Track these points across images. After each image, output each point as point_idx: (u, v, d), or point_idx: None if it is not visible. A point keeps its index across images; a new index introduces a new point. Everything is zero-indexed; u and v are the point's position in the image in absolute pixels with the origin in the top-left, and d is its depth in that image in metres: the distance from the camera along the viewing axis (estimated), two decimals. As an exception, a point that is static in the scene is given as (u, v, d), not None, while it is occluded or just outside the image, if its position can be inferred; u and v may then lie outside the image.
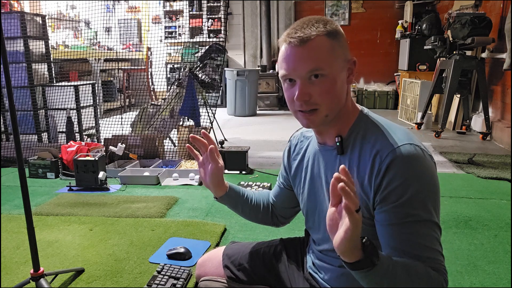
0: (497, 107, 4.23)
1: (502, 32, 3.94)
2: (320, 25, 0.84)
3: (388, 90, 6.53)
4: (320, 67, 0.83)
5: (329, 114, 0.87)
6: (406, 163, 0.79)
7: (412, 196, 0.78)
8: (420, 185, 0.79)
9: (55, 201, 2.53)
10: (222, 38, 6.41)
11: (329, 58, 0.84)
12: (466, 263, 1.72)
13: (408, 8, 6.16)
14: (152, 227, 2.12)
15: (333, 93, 0.85)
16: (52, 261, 1.78)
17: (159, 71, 6.51)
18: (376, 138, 0.85)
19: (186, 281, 1.53)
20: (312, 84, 0.84)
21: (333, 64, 0.84)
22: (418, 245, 0.78)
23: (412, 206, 0.78)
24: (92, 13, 4.28)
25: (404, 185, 0.78)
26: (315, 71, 0.83)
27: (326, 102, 0.85)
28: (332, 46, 0.84)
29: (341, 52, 0.86)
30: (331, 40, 0.84)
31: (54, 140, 3.93)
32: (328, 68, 0.83)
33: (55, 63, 4.69)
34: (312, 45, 0.83)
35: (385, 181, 0.80)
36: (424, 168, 0.81)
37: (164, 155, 3.54)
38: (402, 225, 0.79)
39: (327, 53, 0.83)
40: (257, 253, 1.19)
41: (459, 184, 2.78)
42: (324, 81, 0.84)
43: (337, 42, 0.85)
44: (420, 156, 0.81)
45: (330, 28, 0.85)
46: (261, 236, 2.02)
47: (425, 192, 0.79)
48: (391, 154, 0.80)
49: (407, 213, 0.79)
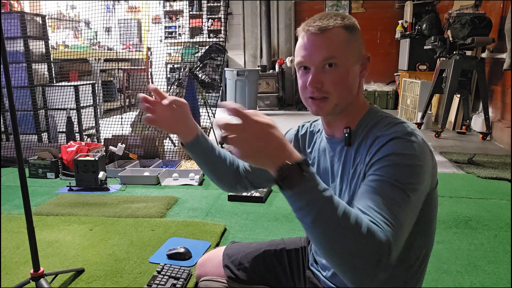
0: (497, 107, 4.23)
1: (502, 32, 3.93)
2: (338, 18, 0.88)
3: (388, 90, 6.53)
4: (334, 56, 0.85)
5: (339, 104, 0.88)
6: (404, 143, 0.80)
7: (397, 167, 0.77)
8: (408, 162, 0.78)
9: (55, 201, 2.53)
10: (222, 38, 6.41)
11: (344, 49, 0.86)
12: (466, 263, 1.72)
13: (408, 8, 6.16)
14: (152, 227, 2.12)
15: (344, 83, 0.87)
16: (52, 261, 1.78)
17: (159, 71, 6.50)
18: (383, 127, 0.86)
19: (186, 281, 1.53)
20: (325, 73, 0.86)
21: (347, 56, 0.87)
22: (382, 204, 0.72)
23: (393, 173, 0.76)
24: (92, 13, 4.29)
25: (392, 157, 0.78)
26: (329, 59, 0.85)
27: (337, 91, 0.87)
28: (348, 39, 0.87)
29: (356, 46, 0.89)
30: (347, 33, 0.87)
31: (54, 140, 3.93)
32: (342, 58, 0.86)
33: (55, 63, 4.69)
34: (328, 35, 0.86)
35: (380, 151, 0.80)
36: (420, 153, 0.80)
37: (164, 155, 3.54)
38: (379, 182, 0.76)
39: (343, 44, 0.86)
40: (258, 253, 1.19)
41: (459, 184, 2.78)
42: (337, 70, 0.86)
43: (353, 36, 0.89)
44: (423, 144, 0.81)
45: (348, 22, 0.88)
46: (261, 236, 2.02)
47: (411, 170, 0.77)
48: (393, 134, 0.81)
49: (385, 176, 0.76)
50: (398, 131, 0.82)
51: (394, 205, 0.73)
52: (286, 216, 2.27)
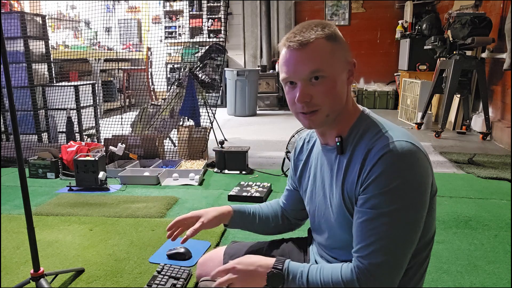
0: (497, 107, 4.23)
1: (502, 32, 3.94)
2: (318, 29, 0.85)
3: (388, 90, 6.53)
4: (320, 68, 0.84)
5: (330, 114, 0.88)
6: (396, 156, 0.79)
7: (388, 191, 0.78)
8: (404, 180, 0.78)
9: (55, 201, 2.53)
10: (222, 38, 6.41)
11: (329, 59, 0.85)
12: (466, 263, 1.72)
13: (408, 8, 6.16)
14: (152, 227, 2.12)
15: (333, 93, 0.86)
16: (52, 261, 1.78)
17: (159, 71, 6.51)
18: (373, 136, 0.85)
19: (186, 281, 1.53)
20: (312, 86, 0.85)
21: (333, 66, 0.85)
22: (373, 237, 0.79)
23: (385, 200, 0.78)
24: (92, 13, 4.28)
25: (389, 176, 0.78)
26: (315, 72, 0.84)
27: (327, 102, 0.86)
28: (331, 48, 0.85)
29: (341, 54, 0.87)
30: (330, 43, 0.86)
31: (54, 140, 3.93)
32: (328, 69, 0.85)
33: (55, 63, 4.69)
34: (311, 48, 0.84)
35: (372, 171, 0.80)
36: (414, 165, 0.79)
37: (164, 155, 3.54)
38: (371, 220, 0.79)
39: (327, 55, 0.85)
40: (260, 252, 1.19)
41: (459, 184, 2.78)
42: (324, 82, 0.85)
43: (337, 44, 0.87)
44: (414, 152, 0.80)
45: (329, 31, 0.86)
46: (261, 237, 2.01)
47: (408, 188, 0.78)
48: (384, 148, 0.80)
49: (376, 208, 0.79)
50: (388, 144, 0.80)
51: (385, 239, 0.78)
52: (286, 216, 2.27)
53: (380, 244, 0.78)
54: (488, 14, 4.19)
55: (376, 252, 0.78)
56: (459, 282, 1.59)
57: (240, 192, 2.60)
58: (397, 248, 0.78)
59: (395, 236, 0.78)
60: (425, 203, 0.81)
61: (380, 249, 0.78)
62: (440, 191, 2.64)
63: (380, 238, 0.78)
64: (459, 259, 1.76)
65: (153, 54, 6.81)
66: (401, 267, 0.80)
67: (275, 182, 2.87)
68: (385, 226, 0.78)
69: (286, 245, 1.21)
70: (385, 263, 0.78)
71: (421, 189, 0.80)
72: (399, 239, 0.78)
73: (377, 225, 0.78)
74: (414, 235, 0.80)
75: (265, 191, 2.59)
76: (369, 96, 6.55)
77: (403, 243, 0.78)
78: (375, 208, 0.79)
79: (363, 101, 6.55)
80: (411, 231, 0.79)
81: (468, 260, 1.75)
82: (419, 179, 0.79)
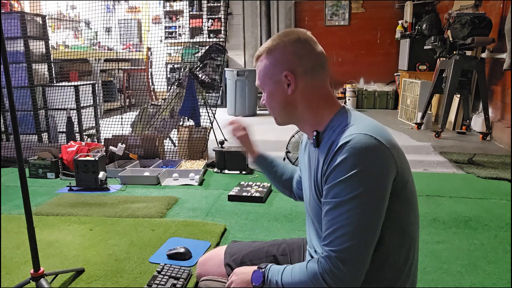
0: (497, 107, 4.23)
1: (502, 32, 3.94)
2: (269, 43, 0.95)
3: (388, 90, 6.53)
4: (259, 85, 0.99)
5: (280, 121, 1.00)
6: (354, 148, 0.81)
7: (346, 179, 0.80)
8: (361, 169, 0.79)
9: (55, 201, 2.53)
10: (222, 38, 6.41)
11: (263, 77, 0.97)
12: (466, 263, 1.72)
13: (408, 8, 6.15)
14: (152, 227, 2.12)
15: (273, 105, 0.98)
16: (52, 261, 1.78)
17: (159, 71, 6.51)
18: (341, 129, 0.87)
19: (186, 281, 1.53)
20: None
21: (266, 82, 0.97)
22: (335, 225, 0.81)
23: (344, 188, 0.80)
24: (92, 13, 4.28)
25: (346, 166, 0.80)
26: (259, 87, 0.99)
27: (272, 111, 0.99)
28: (265, 65, 0.96)
29: (271, 70, 0.95)
30: (267, 59, 0.95)
31: (54, 140, 3.93)
32: (264, 85, 0.98)
33: (55, 63, 4.69)
34: (257, 64, 0.98)
35: (332, 162, 0.83)
36: (370, 156, 0.80)
37: (164, 155, 3.54)
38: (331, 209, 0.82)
39: (263, 72, 0.96)
40: (261, 252, 1.20)
41: (459, 184, 2.78)
42: (265, 95, 0.99)
43: (271, 58, 0.95)
44: (371, 144, 0.81)
45: (273, 44, 0.95)
46: (261, 236, 2.02)
47: (365, 177, 0.80)
48: (343, 140, 0.83)
49: (339, 193, 0.81)
50: (348, 136, 0.83)
51: (346, 227, 0.80)
52: (286, 216, 2.28)
53: (342, 231, 0.80)
54: (488, 14, 4.19)
55: (338, 238, 0.80)
56: (459, 282, 1.59)
57: (240, 192, 2.59)
58: (359, 234, 0.79)
59: (356, 222, 0.79)
60: (383, 195, 0.82)
61: (342, 236, 0.80)
62: (440, 191, 2.64)
63: (341, 226, 0.80)
64: (459, 259, 1.76)
65: (153, 54, 6.82)
66: (364, 255, 0.81)
67: (275, 182, 2.87)
68: (345, 214, 0.80)
69: (286, 245, 1.21)
70: (347, 249, 0.79)
71: (378, 180, 0.81)
72: (359, 225, 0.79)
73: (338, 214, 0.81)
74: (375, 223, 0.81)
75: (265, 191, 2.59)
76: (369, 96, 6.54)
77: (364, 229, 0.80)
78: (335, 197, 0.82)
79: (363, 101, 6.55)
80: (371, 218, 0.80)
81: (468, 260, 1.75)
82: (375, 170, 0.80)
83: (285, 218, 2.25)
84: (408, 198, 0.88)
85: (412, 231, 0.90)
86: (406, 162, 0.89)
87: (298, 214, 2.29)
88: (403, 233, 0.88)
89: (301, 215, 2.26)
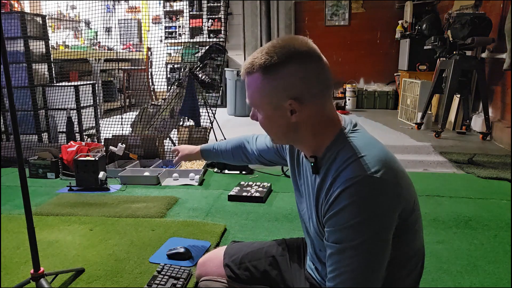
0: (497, 107, 4.23)
1: (502, 32, 3.93)
2: (263, 58, 0.80)
3: (388, 90, 6.52)
4: (251, 103, 0.87)
5: (277, 141, 0.92)
6: (360, 191, 0.76)
7: (352, 224, 0.76)
8: (368, 215, 0.75)
9: (55, 201, 2.53)
10: (222, 38, 6.41)
11: (259, 99, 0.84)
12: (466, 263, 1.72)
13: (408, 8, 6.15)
14: (152, 227, 2.12)
15: (269, 127, 0.88)
16: (52, 261, 1.78)
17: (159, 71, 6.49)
18: (344, 161, 0.80)
19: (186, 281, 1.53)
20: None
21: (262, 104, 0.84)
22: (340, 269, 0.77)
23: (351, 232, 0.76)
24: (92, 13, 4.29)
25: (352, 211, 0.76)
26: (251, 105, 0.87)
27: (268, 132, 0.90)
28: (262, 86, 0.82)
29: (271, 94, 0.82)
30: (263, 78, 0.81)
31: (54, 140, 3.93)
32: (258, 106, 0.85)
33: (55, 63, 4.69)
34: (248, 80, 0.84)
35: (335, 204, 0.78)
36: (379, 197, 0.76)
37: (164, 155, 3.54)
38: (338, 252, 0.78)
39: (258, 94, 0.83)
40: (260, 252, 1.19)
41: (459, 184, 2.78)
42: (261, 117, 0.87)
43: (270, 81, 0.81)
44: (381, 184, 0.76)
45: (271, 61, 0.80)
46: (261, 236, 2.02)
47: (371, 221, 0.76)
48: (348, 182, 0.77)
49: (342, 242, 0.77)
50: (353, 177, 0.77)
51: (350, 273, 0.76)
52: (286, 216, 2.28)
53: (346, 276, 0.76)
54: (488, 14, 4.19)
55: (343, 283, 0.77)
56: (459, 282, 1.59)
57: (240, 192, 2.59)
58: (363, 278, 0.76)
59: (360, 268, 0.76)
60: (388, 236, 0.78)
61: (346, 281, 0.76)
62: (440, 191, 2.64)
63: (345, 272, 0.76)
64: (459, 259, 1.76)
65: (153, 54, 6.81)
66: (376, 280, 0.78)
67: (275, 182, 2.87)
68: (349, 259, 0.76)
69: (286, 245, 1.21)
70: None
71: (383, 224, 0.77)
72: (364, 270, 0.76)
73: (342, 259, 0.77)
74: (380, 264, 0.78)
75: (265, 191, 2.59)
76: (369, 96, 6.54)
77: (369, 272, 0.76)
78: (338, 242, 0.77)
79: (363, 101, 6.55)
80: (376, 261, 0.77)
81: (468, 260, 1.75)
82: (381, 215, 0.76)
83: (285, 218, 2.25)
84: (413, 221, 0.86)
85: (418, 250, 0.91)
86: (412, 189, 0.85)
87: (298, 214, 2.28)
88: (408, 253, 0.88)
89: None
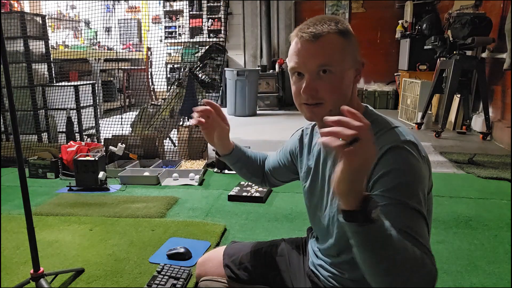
0: (497, 107, 4.23)
1: (502, 32, 3.93)
2: (332, 24, 0.86)
3: (388, 90, 6.53)
4: (329, 63, 0.85)
5: (333, 110, 0.87)
6: (402, 154, 0.79)
7: (403, 184, 0.77)
8: (411, 176, 0.78)
9: (55, 201, 2.52)
10: (222, 38, 6.41)
11: (338, 55, 0.86)
12: (466, 263, 1.72)
13: (408, 8, 6.15)
14: (152, 227, 2.12)
15: (339, 90, 0.87)
16: (52, 261, 1.78)
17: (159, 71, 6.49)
18: (377, 131, 0.85)
19: (186, 281, 1.53)
20: (320, 79, 0.86)
21: (342, 62, 0.86)
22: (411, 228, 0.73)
23: (402, 193, 0.76)
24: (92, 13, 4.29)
25: (395, 173, 0.78)
26: (324, 66, 0.85)
27: (331, 98, 0.87)
28: (342, 45, 0.86)
29: (350, 51, 0.88)
30: (342, 39, 0.86)
31: (54, 140, 3.93)
32: (336, 65, 0.85)
33: (55, 63, 4.69)
34: (323, 41, 0.85)
35: (377, 168, 0.79)
36: (418, 162, 0.80)
37: (164, 155, 3.54)
38: (394, 206, 0.75)
39: (337, 50, 0.86)
40: (259, 252, 1.19)
41: (459, 184, 2.78)
42: (331, 77, 0.86)
43: (348, 41, 0.87)
44: (417, 151, 0.81)
45: (342, 27, 0.87)
46: (261, 236, 2.02)
47: (415, 184, 0.78)
48: (387, 146, 0.80)
49: (397, 199, 0.76)
50: (395, 140, 0.81)
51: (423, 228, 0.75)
52: (286, 216, 2.28)
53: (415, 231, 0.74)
54: (488, 14, 4.19)
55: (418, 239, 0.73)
56: (459, 282, 1.59)
57: (240, 192, 2.59)
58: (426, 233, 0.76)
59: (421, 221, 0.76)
60: (425, 194, 0.81)
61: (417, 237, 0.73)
62: (440, 191, 2.64)
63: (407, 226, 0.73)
64: (459, 259, 1.76)
65: (153, 54, 6.81)
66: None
67: (275, 182, 2.87)
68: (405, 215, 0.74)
69: (285, 245, 1.21)
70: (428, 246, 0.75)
71: (424, 184, 0.80)
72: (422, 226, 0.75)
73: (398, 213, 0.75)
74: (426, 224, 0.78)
75: (265, 191, 2.59)
76: (369, 96, 6.54)
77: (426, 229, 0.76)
78: (391, 199, 0.76)
79: (363, 101, 6.52)
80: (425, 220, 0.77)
81: (468, 260, 1.75)
82: (422, 176, 0.80)
83: (285, 218, 2.25)
84: (430, 199, 0.88)
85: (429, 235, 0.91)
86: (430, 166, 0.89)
87: (298, 214, 2.29)
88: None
89: (301, 215, 2.26)
